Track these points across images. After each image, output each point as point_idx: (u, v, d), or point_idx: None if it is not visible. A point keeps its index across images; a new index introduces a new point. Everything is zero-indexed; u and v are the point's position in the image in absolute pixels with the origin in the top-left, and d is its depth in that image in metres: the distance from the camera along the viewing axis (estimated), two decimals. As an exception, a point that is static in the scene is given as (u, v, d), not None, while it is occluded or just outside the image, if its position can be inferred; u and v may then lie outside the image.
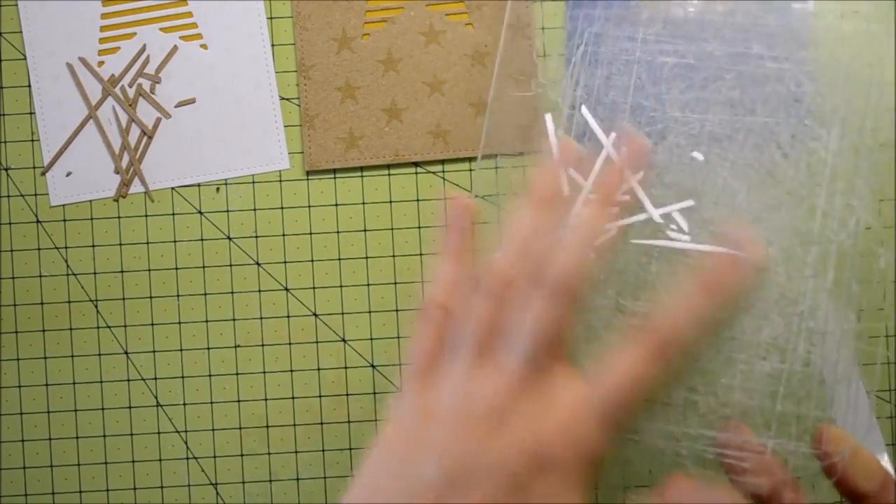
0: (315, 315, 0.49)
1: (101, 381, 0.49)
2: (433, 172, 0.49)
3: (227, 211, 0.49)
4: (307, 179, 0.49)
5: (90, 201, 0.49)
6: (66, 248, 0.49)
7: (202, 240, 0.49)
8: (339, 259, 0.49)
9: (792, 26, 0.40)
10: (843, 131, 0.38)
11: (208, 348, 0.49)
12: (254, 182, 0.49)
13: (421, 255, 0.49)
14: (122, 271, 0.49)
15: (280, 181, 0.49)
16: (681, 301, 0.36)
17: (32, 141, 0.49)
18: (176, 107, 0.49)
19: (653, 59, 0.41)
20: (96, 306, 0.49)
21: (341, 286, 0.49)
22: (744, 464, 0.37)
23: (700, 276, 0.36)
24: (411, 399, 0.37)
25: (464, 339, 0.36)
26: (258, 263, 0.49)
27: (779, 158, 0.39)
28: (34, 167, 0.49)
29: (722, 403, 0.38)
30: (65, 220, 0.49)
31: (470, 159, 0.49)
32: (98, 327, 0.49)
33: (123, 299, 0.49)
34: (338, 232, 0.49)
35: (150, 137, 0.49)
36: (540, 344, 0.35)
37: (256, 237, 0.49)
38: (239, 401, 0.49)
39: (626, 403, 0.35)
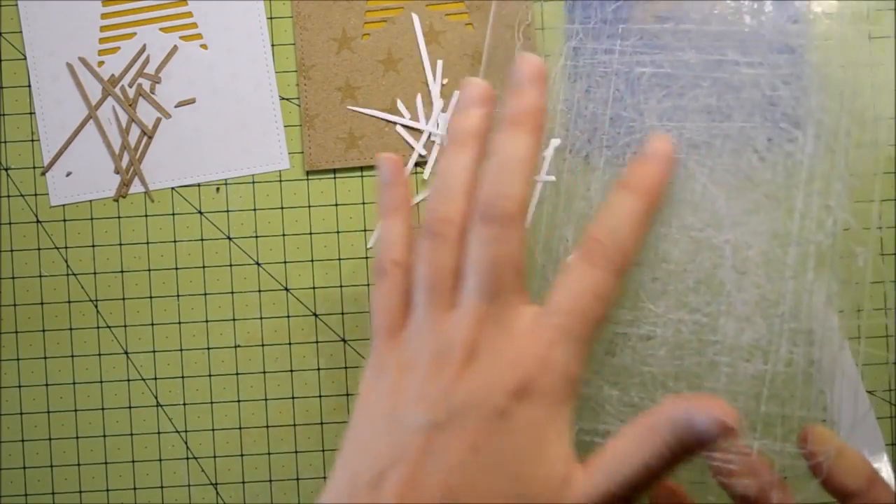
0: (315, 315, 0.49)
1: (101, 381, 0.49)
2: (433, 172, 0.49)
3: (227, 211, 0.49)
4: (307, 179, 0.49)
5: (90, 201, 0.49)
6: (66, 248, 0.49)
7: (202, 240, 0.49)
8: (339, 259, 0.49)
9: (765, 31, 0.40)
10: (818, 133, 0.39)
11: (208, 348, 0.49)
12: (254, 182, 0.49)
13: (421, 255, 0.49)
14: (122, 271, 0.49)
15: (280, 181, 0.49)
16: (610, 208, 0.37)
17: (32, 141, 0.49)
18: (176, 107, 0.49)
19: (630, 71, 0.41)
20: (96, 306, 0.49)
21: (341, 286, 0.49)
22: (731, 466, 0.37)
23: (621, 182, 0.38)
24: (383, 358, 0.37)
25: (421, 288, 0.37)
26: (258, 263, 0.49)
27: (756, 162, 0.39)
28: (34, 167, 0.49)
29: None
30: (65, 220, 0.49)
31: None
32: (98, 327, 0.49)
33: (123, 299, 0.49)
34: (338, 232, 0.49)
35: (150, 137, 0.49)
36: (494, 275, 0.36)
37: (256, 237, 0.49)
38: (239, 401, 0.49)
39: (586, 316, 0.35)
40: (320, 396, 0.49)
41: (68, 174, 0.49)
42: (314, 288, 0.49)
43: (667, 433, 0.33)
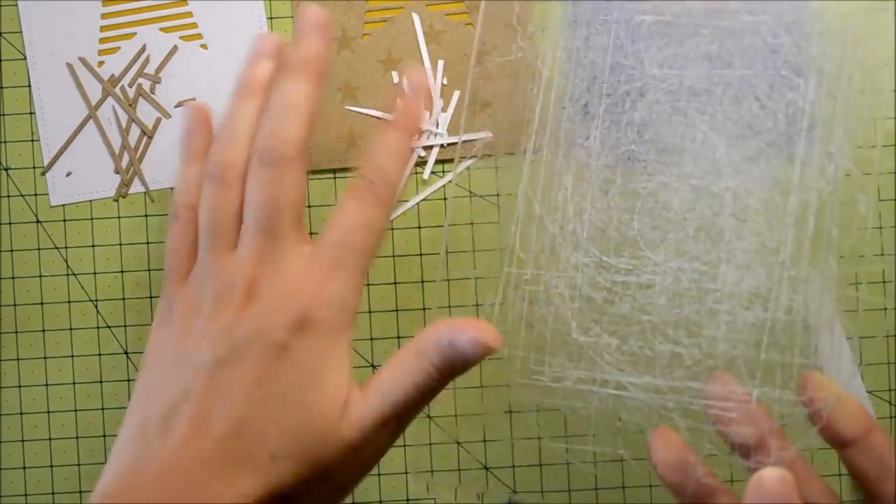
0: (315, 315, 0.50)
1: (101, 381, 0.49)
2: (434, 172, 0.50)
3: (228, 211, 0.50)
4: (307, 179, 0.50)
5: (90, 201, 0.50)
6: (66, 248, 0.49)
7: (202, 240, 0.50)
8: (340, 259, 0.50)
9: None
10: (819, 80, 0.39)
11: (208, 348, 0.49)
12: (254, 182, 0.50)
13: (421, 255, 0.49)
14: (122, 271, 0.50)
15: (280, 181, 0.50)
16: (376, 145, 0.40)
17: (32, 141, 0.50)
18: (176, 107, 0.50)
19: (630, 18, 0.42)
20: (96, 306, 0.49)
21: (342, 286, 0.50)
22: (730, 414, 0.38)
23: (385, 121, 0.41)
24: (171, 301, 0.39)
25: (204, 231, 0.39)
26: (258, 263, 0.50)
27: (757, 110, 0.40)
28: (34, 167, 0.50)
29: (706, 355, 0.39)
30: (65, 220, 0.50)
31: (470, 158, 0.49)
32: (98, 327, 0.49)
33: (123, 299, 0.49)
34: (338, 231, 0.50)
35: (150, 137, 0.50)
36: (271, 215, 0.38)
37: (257, 237, 0.50)
38: (239, 401, 0.49)
39: (357, 248, 0.38)
40: (321, 396, 0.49)
41: (68, 174, 0.50)
42: (314, 288, 0.50)
43: (433, 356, 0.36)
